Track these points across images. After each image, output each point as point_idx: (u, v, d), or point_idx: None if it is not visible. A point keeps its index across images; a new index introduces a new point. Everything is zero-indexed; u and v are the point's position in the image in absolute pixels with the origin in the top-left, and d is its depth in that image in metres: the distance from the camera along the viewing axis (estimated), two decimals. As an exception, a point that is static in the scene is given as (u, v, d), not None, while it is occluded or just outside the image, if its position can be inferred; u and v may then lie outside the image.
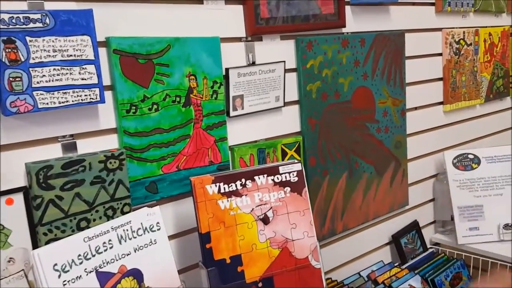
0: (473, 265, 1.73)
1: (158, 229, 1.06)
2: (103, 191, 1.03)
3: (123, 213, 1.06)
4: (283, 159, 1.38)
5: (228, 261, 1.11)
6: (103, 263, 0.94)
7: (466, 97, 2.06)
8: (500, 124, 2.27)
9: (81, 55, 0.97)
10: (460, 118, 2.04)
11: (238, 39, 1.27)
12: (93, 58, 0.99)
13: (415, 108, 1.83)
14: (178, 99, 1.15)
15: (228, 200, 1.12)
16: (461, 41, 2.02)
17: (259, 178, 1.16)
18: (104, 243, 0.95)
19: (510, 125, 2.34)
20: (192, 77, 1.17)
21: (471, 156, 1.91)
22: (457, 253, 1.80)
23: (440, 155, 1.92)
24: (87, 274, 0.92)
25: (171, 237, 1.18)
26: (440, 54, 1.92)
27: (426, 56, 1.86)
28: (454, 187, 1.88)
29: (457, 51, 2.00)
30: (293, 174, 1.19)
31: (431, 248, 1.88)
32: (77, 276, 0.91)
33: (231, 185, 1.12)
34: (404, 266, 1.68)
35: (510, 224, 1.83)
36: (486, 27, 2.10)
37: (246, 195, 1.14)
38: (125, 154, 1.05)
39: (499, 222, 1.83)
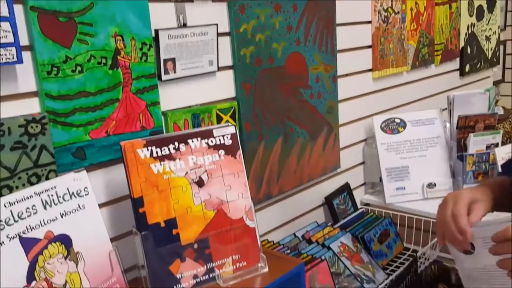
0: (400, 222, 1.81)
1: (86, 194, 1.01)
2: (25, 157, 0.96)
3: (48, 180, 0.99)
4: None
5: (162, 224, 1.09)
6: (27, 229, 0.89)
7: (394, 64, 2.12)
8: (426, 90, 2.36)
9: (-8, 10, 0.88)
10: (388, 85, 2.10)
11: (168, 0, 1.21)
12: (7, 15, 0.90)
13: (346, 75, 1.85)
14: (104, 60, 1.08)
15: (161, 164, 1.08)
16: (389, 9, 2.06)
17: (192, 141, 1.13)
18: (28, 208, 0.89)
19: (435, 91, 2.44)
20: (119, 37, 1.10)
21: (397, 120, 1.98)
22: (385, 212, 1.87)
23: (369, 120, 1.97)
24: (9, 240, 0.86)
25: (104, 205, 1.13)
26: (370, 22, 1.95)
27: (356, 24, 1.88)
28: (382, 150, 1.94)
29: (385, 19, 2.04)
30: (227, 137, 1.17)
31: (361, 208, 1.94)
32: (-1, 243, 0.85)
33: (164, 149, 1.08)
34: (336, 226, 1.73)
35: (433, 183, 1.92)
36: (412, -4, 2.16)
37: (179, 158, 1.11)
38: (48, 118, 0.98)
39: (423, 181, 1.92)
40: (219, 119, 1.36)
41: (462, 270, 0.95)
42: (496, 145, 1.94)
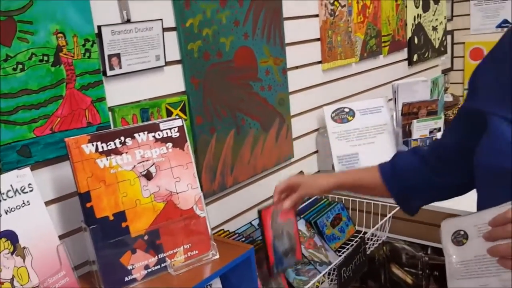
0: (352, 206, 1.88)
1: (31, 190, 1.01)
2: (-34, 157, 0.95)
3: (-8, 179, 0.99)
4: (167, 118, 1.37)
5: (111, 218, 1.10)
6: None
7: (342, 56, 2.18)
8: (375, 80, 2.44)
9: None
10: (337, 76, 2.16)
11: (110, -5, 1.22)
12: None
13: (296, 67, 1.90)
14: (46, 58, 1.08)
15: (107, 159, 1.09)
16: (336, 2, 2.12)
17: (139, 135, 1.14)
18: (-31, 206, 0.89)
19: (384, 81, 2.52)
20: (60, 34, 1.10)
21: (346, 110, 2.04)
22: (337, 197, 1.93)
23: (321, 111, 2.02)
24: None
25: (51, 202, 1.13)
26: (317, 15, 2.00)
27: (304, 17, 1.92)
28: (333, 138, 2.01)
29: (332, 12, 2.09)
30: (174, 130, 1.19)
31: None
32: None
33: (110, 144, 1.09)
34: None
35: (381, 169, 1.99)
36: (357, -11, 2.22)
37: (126, 152, 1.12)
38: (-11, 117, 0.97)
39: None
40: (169, 113, 1.38)
41: (449, 267, 0.87)
42: (439, 129, 2.03)
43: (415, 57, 2.88)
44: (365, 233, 1.81)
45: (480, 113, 0.91)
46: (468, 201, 1.05)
